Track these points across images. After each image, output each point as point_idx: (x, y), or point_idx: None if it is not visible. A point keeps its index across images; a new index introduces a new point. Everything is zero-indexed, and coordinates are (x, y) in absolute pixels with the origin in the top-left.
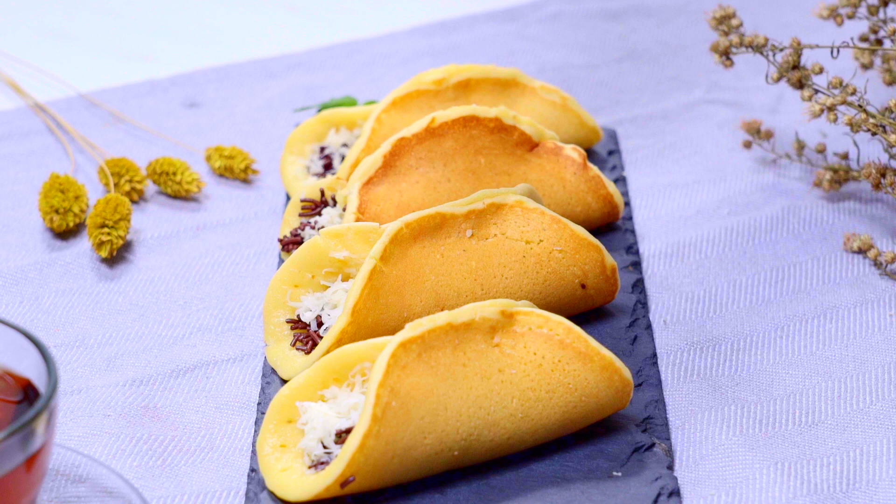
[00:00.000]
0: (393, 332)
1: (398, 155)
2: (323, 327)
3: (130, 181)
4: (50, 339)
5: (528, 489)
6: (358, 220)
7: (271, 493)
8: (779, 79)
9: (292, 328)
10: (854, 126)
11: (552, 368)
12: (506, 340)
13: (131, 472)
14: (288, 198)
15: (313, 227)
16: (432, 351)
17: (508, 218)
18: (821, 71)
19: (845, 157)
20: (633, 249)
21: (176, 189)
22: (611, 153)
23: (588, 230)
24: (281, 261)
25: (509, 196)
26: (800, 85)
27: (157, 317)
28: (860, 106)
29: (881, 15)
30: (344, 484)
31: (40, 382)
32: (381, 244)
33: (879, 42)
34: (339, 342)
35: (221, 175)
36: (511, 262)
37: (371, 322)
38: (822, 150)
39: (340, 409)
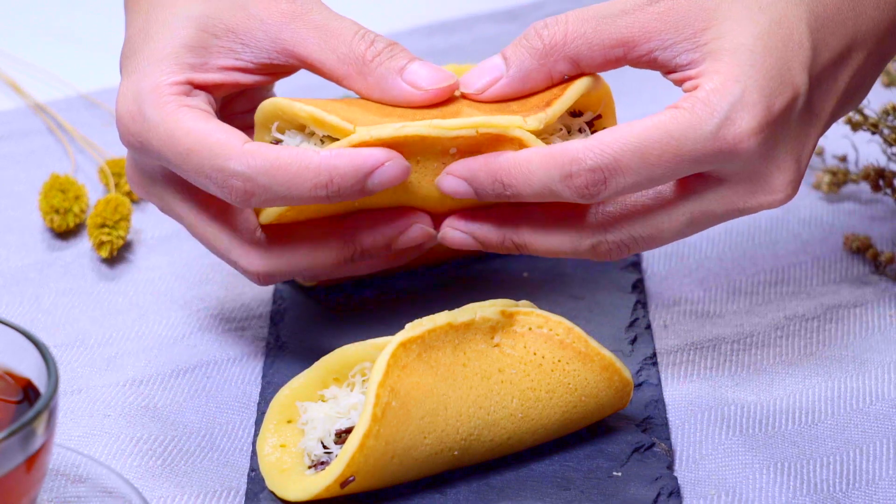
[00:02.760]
0: None
1: None
2: None
3: None
4: (50, 339)
5: (528, 489)
6: None
7: (271, 493)
8: None
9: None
10: (853, 125)
11: (552, 368)
12: (506, 340)
13: (131, 472)
14: None
15: None
16: (432, 351)
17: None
18: None
19: (843, 159)
20: None
21: None
22: None
23: None
24: None
25: (512, 129)
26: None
27: (157, 317)
28: (858, 109)
29: None
30: (344, 484)
31: (40, 382)
32: None
33: None
34: None
35: None
36: None
37: None
38: (820, 153)
39: (340, 409)
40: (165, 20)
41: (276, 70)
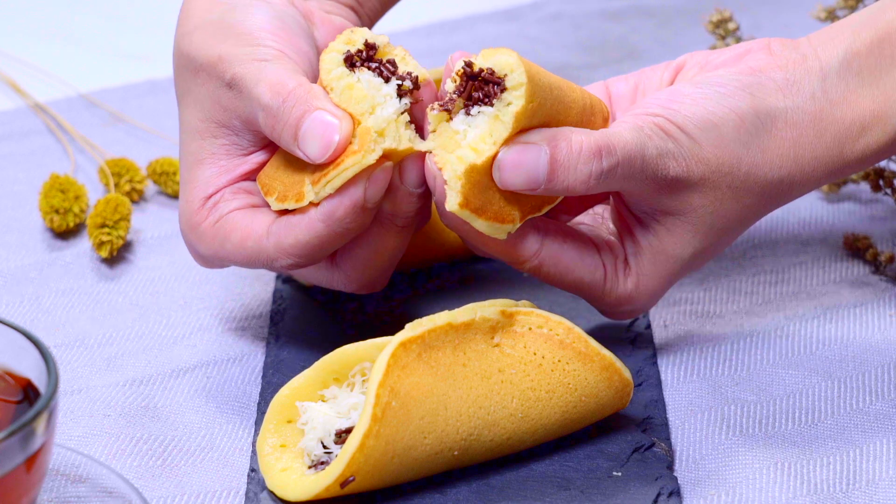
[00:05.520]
0: None
1: None
2: None
3: (130, 181)
4: (50, 339)
5: (528, 489)
6: None
7: (271, 493)
8: None
9: None
10: None
11: (552, 368)
12: (506, 340)
13: (131, 472)
14: None
15: None
16: (432, 351)
17: None
18: None
19: None
20: None
21: (176, 189)
22: None
23: None
24: None
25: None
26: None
27: (157, 317)
28: None
29: None
30: (344, 484)
31: (40, 382)
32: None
33: None
34: None
35: None
36: None
37: None
38: None
39: (340, 409)
40: (183, 139)
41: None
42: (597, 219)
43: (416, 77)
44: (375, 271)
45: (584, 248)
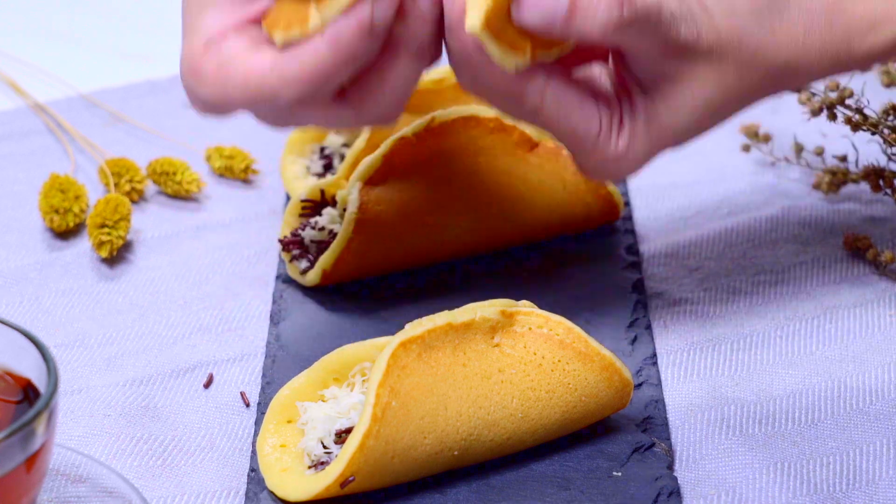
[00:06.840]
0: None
1: (398, 154)
2: None
3: (130, 181)
4: (50, 339)
5: (528, 489)
6: (359, 219)
7: (271, 493)
8: None
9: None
10: (853, 125)
11: (552, 368)
12: (506, 340)
13: (131, 472)
14: (288, 198)
15: (314, 227)
16: (432, 351)
17: None
18: None
19: (844, 159)
20: (633, 250)
21: (176, 189)
22: None
23: (587, 229)
24: (281, 261)
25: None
26: (797, 87)
27: (157, 317)
28: (858, 109)
29: None
30: (344, 484)
31: (40, 382)
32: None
33: None
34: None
35: (221, 175)
36: None
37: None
38: (820, 153)
39: (340, 409)
40: None
41: None
42: (594, 80)
43: None
44: (386, 103)
45: (585, 96)
